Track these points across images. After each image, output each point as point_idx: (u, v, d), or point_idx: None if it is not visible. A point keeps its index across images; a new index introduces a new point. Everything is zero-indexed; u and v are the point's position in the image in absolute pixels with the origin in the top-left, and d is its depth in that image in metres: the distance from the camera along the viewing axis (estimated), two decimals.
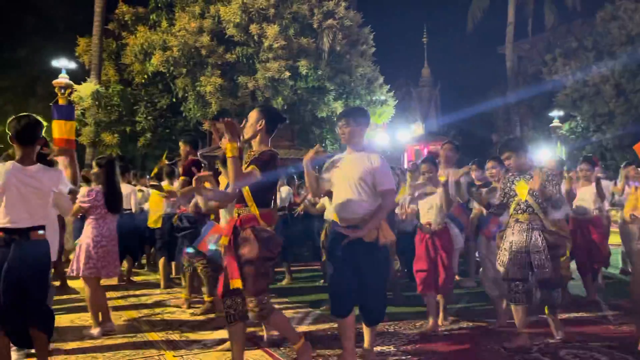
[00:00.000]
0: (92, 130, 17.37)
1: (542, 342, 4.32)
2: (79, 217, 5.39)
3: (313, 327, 5.04)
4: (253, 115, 3.55)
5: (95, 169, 5.06)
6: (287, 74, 15.71)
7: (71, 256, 5.08)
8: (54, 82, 15.27)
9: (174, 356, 4.17)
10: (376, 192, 3.60)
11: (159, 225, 7.08)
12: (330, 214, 4.34)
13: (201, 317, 5.47)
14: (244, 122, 3.57)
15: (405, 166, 19.27)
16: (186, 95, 16.61)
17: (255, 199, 3.33)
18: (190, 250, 5.33)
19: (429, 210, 4.82)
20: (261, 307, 3.30)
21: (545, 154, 15.22)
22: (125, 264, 7.56)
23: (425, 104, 30.15)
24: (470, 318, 5.23)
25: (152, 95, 17.83)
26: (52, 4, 28.89)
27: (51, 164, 4.17)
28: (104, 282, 5.35)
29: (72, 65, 16.75)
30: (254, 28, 15.86)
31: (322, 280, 7.37)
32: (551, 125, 19.36)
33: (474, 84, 29.99)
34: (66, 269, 5.83)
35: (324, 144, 17.93)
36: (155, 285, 7.32)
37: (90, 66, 18.22)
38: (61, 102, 14.98)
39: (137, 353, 4.25)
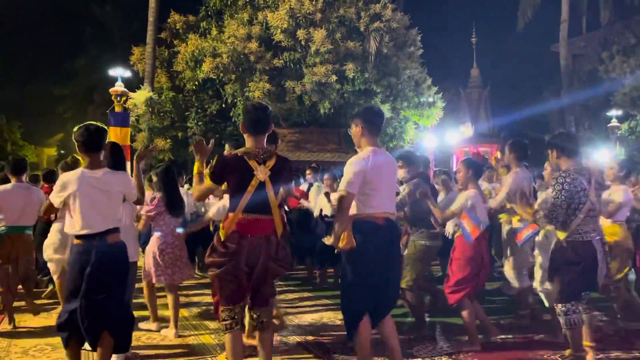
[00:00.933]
0: (145, 136, 17.94)
1: None
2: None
3: None
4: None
5: (154, 179, 5.19)
6: (334, 77, 15.77)
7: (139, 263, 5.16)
8: (111, 90, 15.89)
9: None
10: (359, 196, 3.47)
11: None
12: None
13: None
14: (211, 143, 3.54)
15: (455, 169, 18.92)
16: (235, 100, 16.93)
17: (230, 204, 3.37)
18: None
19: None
20: (224, 316, 3.28)
21: (603, 155, 14.64)
22: None
23: (475, 105, 29.52)
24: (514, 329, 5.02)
25: (202, 101, 18.26)
26: (108, 16, 30.15)
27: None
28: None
29: (127, 73, 17.39)
30: (301, 33, 16.01)
31: None
32: (609, 125, 18.59)
33: (525, 84, 29.15)
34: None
35: None
36: (206, 286, 7.46)
37: (144, 74, 18.84)
38: (117, 109, 15.58)
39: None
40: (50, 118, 30.49)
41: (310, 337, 4.74)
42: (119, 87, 15.43)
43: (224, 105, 17.60)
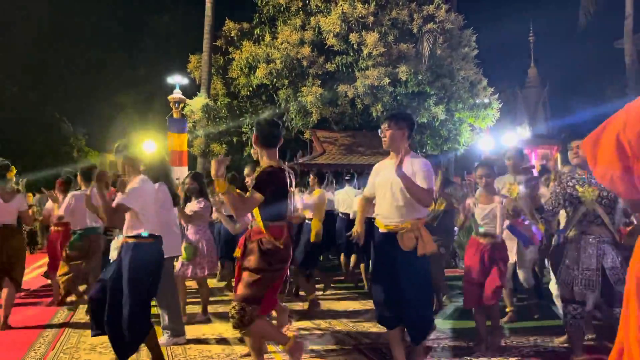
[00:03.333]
0: (202, 141, 18.43)
1: None
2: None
3: None
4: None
5: (189, 183, 5.84)
6: (387, 80, 15.68)
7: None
8: (169, 97, 16.45)
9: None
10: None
11: None
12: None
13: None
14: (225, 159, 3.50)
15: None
16: (288, 105, 17.13)
17: (262, 213, 3.36)
18: None
19: (489, 220, 4.40)
20: (242, 314, 3.25)
21: None
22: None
23: (532, 106, 28.65)
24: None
25: (256, 107, 18.58)
26: (166, 25, 31.22)
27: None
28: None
29: (185, 81, 17.98)
30: (353, 37, 16.03)
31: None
32: None
33: (587, 82, 28.00)
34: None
35: (424, 150, 17.64)
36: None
37: (200, 81, 19.38)
38: (175, 115, 16.13)
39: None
40: (112, 126, 31.82)
41: (366, 341, 4.73)
42: (177, 94, 15.94)
43: (277, 110, 17.83)
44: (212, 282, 8.51)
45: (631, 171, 1.57)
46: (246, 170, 5.48)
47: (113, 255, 5.59)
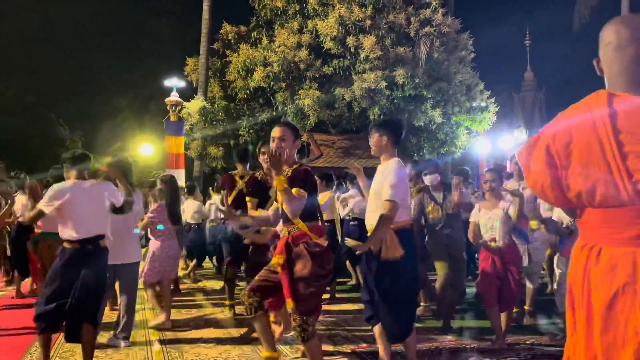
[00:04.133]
0: (199, 144, 18.42)
1: None
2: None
3: None
4: (287, 134, 3.41)
5: (160, 186, 5.68)
6: (384, 83, 15.71)
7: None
8: (166, 100, 16.44)
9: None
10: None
11: None
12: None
13: None
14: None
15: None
16: (285, 108, 17.15)
17: (300, 215, 3.25)
18: None
19: (491, 226, 4.43)
20: (304, 327, 3.15)
21: None
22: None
23: (529, 109, 28.79)
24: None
25: (253, 110, 18.59)
26: (163, 28, 31.22)
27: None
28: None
29: (182, 84, 17.97)
30: (350, 40, 16.06)
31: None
32: None
33: (584, 85, 28.07)
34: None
35: (421, 153, 17.67)
36: None
37: (197, 84, 19.39)
38: (172, 118, 16.11)
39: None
40: (108, 128, 31.78)
41: (364, 345, 4.73)
42: (174, 97, 15.92)
43: (274, 113, 17.85)
44: (219, 284, 8.53)
45: (560, 181, 1.63)
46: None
47: None
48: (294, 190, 3.19)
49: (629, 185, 1.50)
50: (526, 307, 5.42)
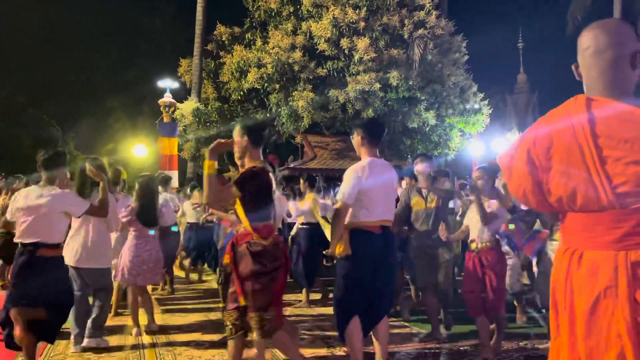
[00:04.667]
0: (192, 145, 18.37)
1: None
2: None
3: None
4: (236, 133, 3.53)
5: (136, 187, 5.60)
6: (378, 85, 15.73)
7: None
8: (160, 101, 16.39)
9: None
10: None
11: None
12: None
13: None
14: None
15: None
16: (279, 110, 17.12)
17: (248, 215, 3.33)
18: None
19: (473, 226, 4.33)
20: (262, 323, 3.23)
21: None
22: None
23: (522, 111, 28.92)
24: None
25: (247, 111, 18.55)
26: (157, 29, 31.14)
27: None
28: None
29: (175, 85, 17.94)
30: (344, 42, 16.07)
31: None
32: None
33: (576, 88, 28.25)
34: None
35: (415, 155, 17.71)
36: None
37: (191, 85, 19.35)
38: (166, 119, 16.06)
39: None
40: (101, 129, 31.64)
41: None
42: (167, 98, 15.88)
43: (268, 115, 17.82)
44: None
45: (541, 185, 1.65)
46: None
47: None
48: (229, 185, 3.35)
49: (608, 190, 1.52)
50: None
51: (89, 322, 4.59)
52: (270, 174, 3.43)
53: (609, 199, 1.52)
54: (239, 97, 18.35)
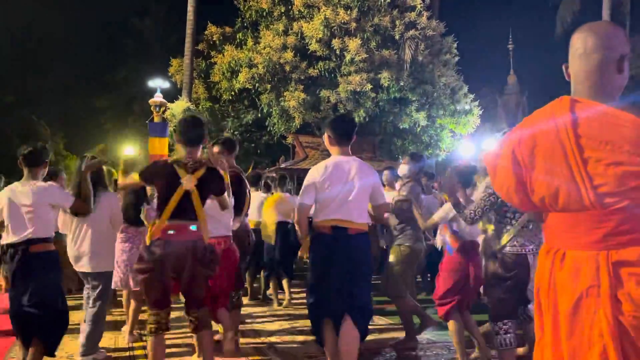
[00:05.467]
0: None
1: None
2: None
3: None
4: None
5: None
6: (369, 86, 15.77)
7: None
8: (150, 101, 16.29)
9: None
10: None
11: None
12: None
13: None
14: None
15: None
16: (271, 110, 17.11)
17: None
18: None
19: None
20: (150, 320, 3.31)
21: None
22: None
23: (512, 112, 29.07)
24: None
25: (238, 111, 18.52)
26: (148, 29, 30.99)
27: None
28: None
29: (166, 84, 17.82)
30: (336, 42, 16.09)
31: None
32: None
33: (565, 89, 28.50)
34: None
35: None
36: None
37: (181, 85, 19.25)
38: (156, 119, 15.95)
39: None
40: (92, 129, 31.43)
41: None
42: (158, 98, 15.78)
43: (259, 115, 17.81)
44: None
45: (525, 184, 1.67)
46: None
47: None
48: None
49: (590, 190, 1.54)
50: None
51: (83, 338, 4.27)
52: (175, 169, 3.38)
53: (590, 199, 1.54)
54: (230, 97, 18.31)
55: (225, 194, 3.66)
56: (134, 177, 3.38)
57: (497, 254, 3.50)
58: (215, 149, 4.61)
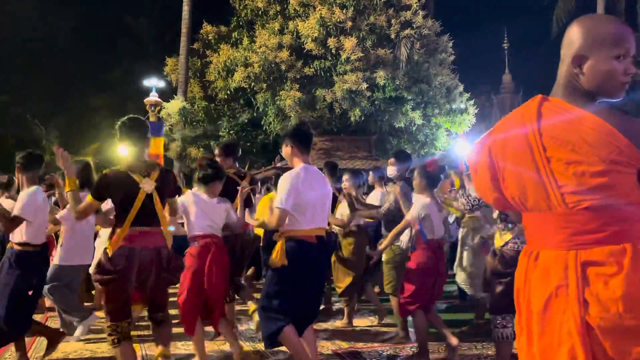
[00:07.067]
0: (179, 145, 18.25)
1: None
2: None
3: None
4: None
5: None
6: (365, 85, 15.77)
7: None
8: (145, 100, 16.25)
9: None
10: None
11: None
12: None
13: None
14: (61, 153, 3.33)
15: None
16: (266, 109, 17.08)
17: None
18: None
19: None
20: (109, 332, 3.17)
21: None
22: None
23: (507, 111, 29.13)
24: None
25: (234, 111, 18.48)
26: (142, 28, 30.88)
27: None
28: None
29: (161, 84, 17.77)
30: (331, 41, 16.08)
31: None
32: None
33: None
34: None
35: None
36: None
37: (177, 84, 19.20)
38: (151, 119, 15.91)
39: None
40: (86, 128, 31.29)
41: (344, 345, 4.72)
42: (153, 97, 15.74)
43: (255, 114, 17.78)
44: None
45: (499, 183, 1.68)
46: (345, 176, 5.28)
47: None
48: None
49: (555, 189, 1.54)
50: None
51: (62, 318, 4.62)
52: (130, 176, 3.24)
53: (556, 198, 1.54)
54: (226, 97, 18.28)
55: (176, 196, 3.65)
56: (88, 199, 3.21)
57: (496, 251, 3.59)
58: (215, 151, 4.79)
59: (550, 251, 1.58)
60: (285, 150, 3.63)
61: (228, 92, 17.94)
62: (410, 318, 4.51)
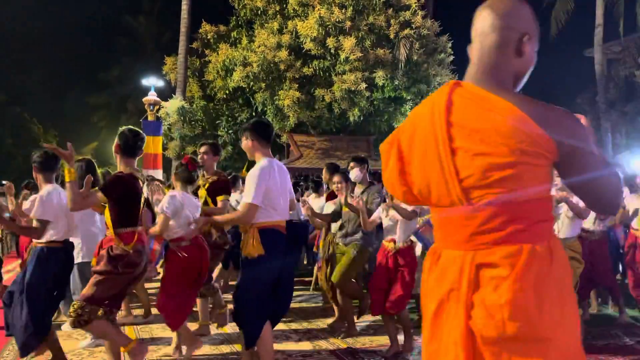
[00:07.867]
0: (177, 144, 18.22)
1: None
2: None
3: None
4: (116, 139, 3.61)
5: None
6: (364, 85, 15.76)
7: None
8: (144, 99, 16.25)
9: None
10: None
11: None
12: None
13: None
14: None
15: None
16: (265, 109, 17.07)
17: (112, 221, 3.44)
18: None
19: (392, 227, 4.34)
20: (79, 313, 3.30)
21: None
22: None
23: None
24: None
25: (233, 110, 18.46)
26: (141, 27, 30.87)
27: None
28: None
29: (160, 83, 17.74)
30: (330, 41, 16.08)
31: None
32: None
33: (558, 89, 28.64)
34: None
35: None
36: None
37: (176, 83, 19.17)
38: (150, 118, 15.91)
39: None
40: (85, 127, 31.29)
41: (342, 345, 4.71)
42: (151, 96, 15.73)
43: (254, 114, 17.76)
44: None
45: (406, 176, 1.53)
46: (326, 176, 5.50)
47: None
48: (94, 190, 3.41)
49: (456, 183, 1.40)
50: None
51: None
52: (137, 180, 3.50)
53: (457, 193, 1.40)
54: (225, 96, 18.26)
55: None
56: (99, 197, 3.36)
57: None
58: (202, 149, 5.12)
59: (451, 251, 1.44)
60: (245, 143, 3.72)
61: (227, 91, 17.92)
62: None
